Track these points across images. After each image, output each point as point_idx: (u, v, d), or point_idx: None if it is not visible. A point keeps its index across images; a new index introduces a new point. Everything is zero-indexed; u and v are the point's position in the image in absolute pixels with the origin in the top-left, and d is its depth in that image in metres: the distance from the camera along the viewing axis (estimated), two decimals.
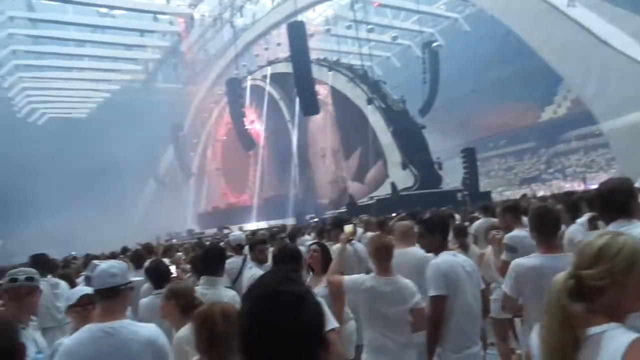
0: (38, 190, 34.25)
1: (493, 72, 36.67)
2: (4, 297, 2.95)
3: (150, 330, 2.48)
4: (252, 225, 24.86)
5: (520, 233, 3.94)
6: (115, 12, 34.17)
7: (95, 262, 4.97)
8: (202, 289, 3.75)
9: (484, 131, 36.81)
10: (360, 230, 7.26)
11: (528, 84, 34.42)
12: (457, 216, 8.27)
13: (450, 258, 3.44)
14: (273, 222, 23.06)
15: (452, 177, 24.98)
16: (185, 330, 2.86)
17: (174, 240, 20.39)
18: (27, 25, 31.46)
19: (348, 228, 4.42)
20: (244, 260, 5.69)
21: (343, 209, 22.14)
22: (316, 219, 20.41)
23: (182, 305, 2.90)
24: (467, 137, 33.28)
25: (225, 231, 23.33)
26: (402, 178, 22.43)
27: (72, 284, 5.20)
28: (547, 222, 3.02)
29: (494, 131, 37.51)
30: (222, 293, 3.85)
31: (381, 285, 3.50)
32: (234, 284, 5.54)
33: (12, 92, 36.44)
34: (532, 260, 3.00)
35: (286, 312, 0.97)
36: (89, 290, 3.47)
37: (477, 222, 6.80)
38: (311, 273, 4.13)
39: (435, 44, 27.07)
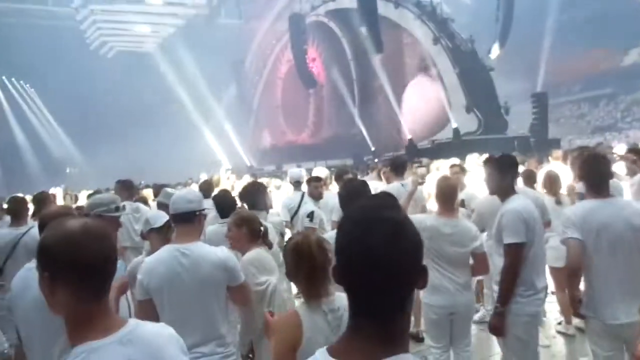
0: (107, 121, 36.01)
1: (573, 12, 33.69)
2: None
3: (222, 251, 2.65)
4: (310, 165, 25.16)
5: None
6: None
7: (168, 189, 5.29)
8: None
9: (558, 76, 34.34)
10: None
11: (613, 26, 31.44)
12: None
13: (528, 203, 3.30)
14: (331, 162, 23.21)
15: (519, 123, 23.89)
16: (252, 254, 3.06)
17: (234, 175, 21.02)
18: None
19: (421, 170, 4.45)
20: (302, 196, 5.85)
21: (402, 152, 21.88)
22: (375, 160, 20.35)
23: (251, 231, 3.08)
24: (538, 81, 31.37)
25: (284, 168, 23.83)
26: (465, 122, 21.72)
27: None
28: (597, 170, 3.02)
29: (568, 76, 35.02)
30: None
31: (442, 226, 3.53)
32: (293, 218, 5.75)
33: (84, 24, 37.62)
34: (587, 203, 2.97)
35: (387, 237, 0.96)
36: (166, 216, 3.74)
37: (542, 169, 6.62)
38: None
39: None
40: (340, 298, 2.03)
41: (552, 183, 5.00)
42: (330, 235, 3.17)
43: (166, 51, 39.59)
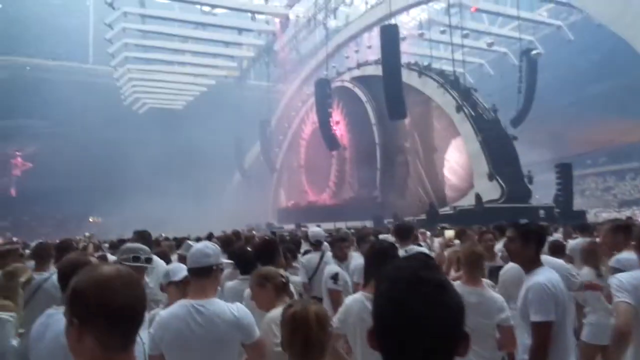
0: (135, 175, 36.90)
1: (595, 85, 34.16)
2: None
3: (238, 309, 2.60)
4: (329, 225, 25.07)
5: (630, 256, 3.64)
6: (217, 10, 35.92)
7: (190, 242, 5.29)
8: None
9: (582, 147, 34.46)
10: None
11: (636, 99, 31.72)
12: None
13: (555, 276, 3.05)
14: (350, 224, 23.10)
15: (542, 193, 23.66)
16: (277, 312, 2.97)
17: (254, 232, 21.02)
18: (138, 20, 33.97)
19: (449, 233, 4.40)
20: (322, 256, 5.78)
21: (422, 217, 21.71)
22: (395, 223, 20.16)
23: (275, 287, 3.01)
24: (562, 151, 31.32)
25: (303, 229, 23.75)
26: (487, 189, 21.58)
27: (168, 261, 5.55)
28: None
29: (592, 147, 34.99)
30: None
31: (467, 295, 3.39)
32: (311, 279, 5.65)
33: (120, 81, 39.51)
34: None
35: (428, 300, 0.92)
36: (185, 271, 3.72)
37: (573, 241, 6.44)
38: None
39: (534, 52, 25.81)
40: None
41: (593, 254, 4.85)
42: (354, 297, 3.08)
43: (195, 109, 41.08)
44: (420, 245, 5.99)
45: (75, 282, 1.23)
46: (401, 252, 4.42)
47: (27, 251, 8.67)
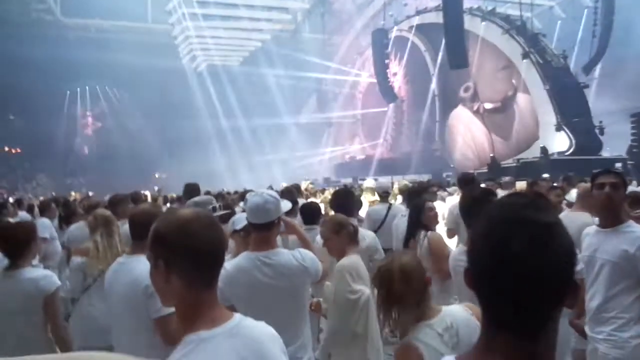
0: (196, 132, 37.94)
1: None
2: None
3: (300, 254, 2.61)
4: (386, 179, 24.91)
5: None
6: None
7: (251, 193, 5.42)
8: None
9: None
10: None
11: None
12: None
13: None
14: (408, 177, 22.84)
15: (615, 145, 22.22)
16: (349, 260, 3.00)
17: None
18: None
19: (520, 185, 4.32)
20: (389, 208, 5.79)
21: (484, 169, 21.09)
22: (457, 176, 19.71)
23: (348, 234, 3.06)
24: (638, 100, 29.06)
25: (360, 182, 23.77)
26: (555, 141, 20.56)
27: (232, 214, 5.73)
28: None
29: None
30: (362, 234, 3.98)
31: None
32: (377, 230, 5.68)
33: (178, 39, 40.11)
34: None
35: (534, 242, 0.81)
36: (244, 221, 3.84)
37: None
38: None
39: None
40: (450, 313, 1.87)
41: None
42: None
43: (252, 64, 41.18)
44: None
45: (157, 226, 1.26)
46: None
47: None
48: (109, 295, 2.61)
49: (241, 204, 5.94)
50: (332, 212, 5.57)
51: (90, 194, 17.28)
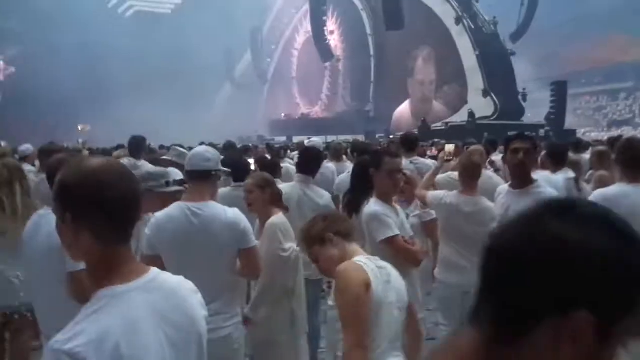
0: (122, 82, 35.85)
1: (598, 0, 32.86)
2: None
3: (235, 213, 2.57)
4: (320, 138, 25.04)
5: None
6: None
7: (178, 147, 5.23)
8: (300, 187, 3.92)
9: (579, 65, 33.76)
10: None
11: (638, 16, 30.77)
12: None
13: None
14: (342, 137, 23.08)
15: (535, 112, 23.55)
16: (278, 218, 3.00)
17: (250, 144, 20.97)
18: None
19: (449, 147, 4.41)
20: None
21: (414, 132, 21.69)
22: (388, 137, 20.16)
23: (273, 193, 3.02)
24: (558, 69, 30.74)
25: (294, 140, 23.75)
26: (481, 106, 21.45)
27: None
28: (635, 154, 2.91)
29: (589, 66, 34.34)
30: (319, 193, 3.98)
31: (462, 204, 3.47)
32: None
33: None
34: (616, 189, 2.90)
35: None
36: (180, 174, 3.69)
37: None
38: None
39: None
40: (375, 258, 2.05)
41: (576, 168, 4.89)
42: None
43: (183, 14, 39.19)
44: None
45: (64, 176, 1.16)
46: (406, 163, 4.42)
47: (16, 156, 8.60)
48: (27, 248, 2.51)
49: (165, 156, 5.69)
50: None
51: (3, 144, 15.99)
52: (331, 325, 1.97)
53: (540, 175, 3.74)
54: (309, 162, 4.20)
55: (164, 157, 5.07)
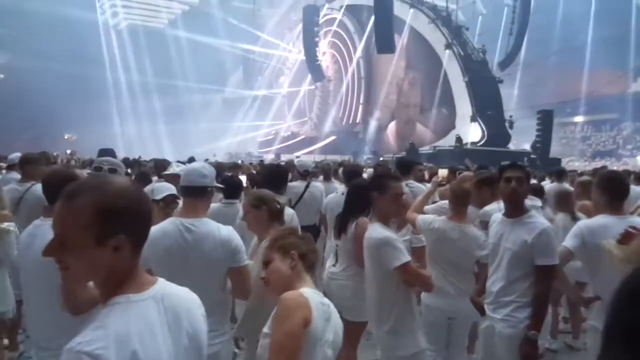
0: (108, 92, 35.77)
1: (586, 33, 33.77)
2: None
3: (228, 230, 2.56)
4: (308, 157, 25.15)
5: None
6: None
7: (177, 162, 5.26)
8: None
9: (564, 95, 34.51)
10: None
11: (625, 51, 31.75)
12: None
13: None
14: (330, 157, 23.19)
15: (521, 139, 23.94)
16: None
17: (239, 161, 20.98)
18: None
19: (442, 172, 4.46)
20: (307, 186, 5.86)
21: (402, 154, 21.89)
22: (377, 159, 20.29)
23: (270, 210, 2.98)
24: (544, 98, 31.37)
25: (283, 158, 23.85)
26: (468, 131, 21.76)
27: (148, 182, 5.51)
28: (618, 186, 3.00)
29: (574, 96, 35.11)
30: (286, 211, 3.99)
31: (449, 230, 3.49)
32: (294, 206, 5.74)
33: None
34: (601, 220, 2.96)
35: None
36: (173, 189, 3.70)
37: (548, 186, 6.63)
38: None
39: None
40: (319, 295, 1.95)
41: (567, 200, 4.98)
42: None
43: (176, 29, 39.37)
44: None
45: (103, 199, 1.12)
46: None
47: (2, 164, 8.50)
48: (21, 259, 2.48)
49: (165, 171, 5.69)
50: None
51: None
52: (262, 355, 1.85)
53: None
54: (274, 179, 4.31)
55: (169, 172, 5.11)
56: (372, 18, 24.07)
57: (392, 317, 2.86)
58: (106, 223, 1.11)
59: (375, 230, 2.90)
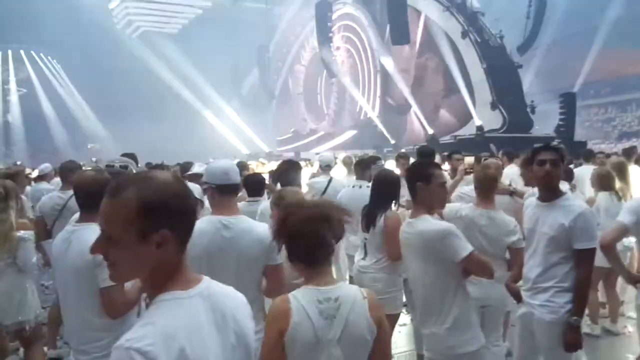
0: (131, 102, 36.31)
1: (609, 12, 32.92)
2: None
3: (264, 228, 2.57)
4: (329, 154, 25.04)
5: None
6: None
7: (199, 163, 5.34)
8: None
9: (587, 77, 33.72)
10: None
11: None
12: None
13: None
14: (351, 152, 23.10)
15: (544, 124, 23.47)
16: None
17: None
18: None
19: (468, 160, 4.41)
20: (330, 181, 5.85)
21: (422, 144, 21.68)
22: (399, 150, 20.14)
23: None
24: (567, 81, 30.70)
25: (302, 156, 23.89)
26: (489, 119, 21.43)
27: None
28: None
29: (598, 77, 34.27)
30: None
31: (477, 216, 3.46)
32: None
33: (113, 3, 37.91)
34: None
35: None
36: (199, 190, 3.74)
37: (578, 169, 6.52)
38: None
39: None
40: (343, 290, 1.86)
41: (609, 180, 4.89)
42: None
43: (190, 33, 39.73)
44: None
45: (147, 196, 1.12)
46: None
47: (33, 174, 8.69)
48: (57, 264, 2.52)
49: (189, 172, 5.71)
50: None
51: (18, 163, 16.24)
52: None
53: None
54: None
55: (193, 172, 5.18)
56: (386, 10, 23.83)
57: (453, 312, 2.72)
58: (149, 218, 1.11)
59: (430, 222, 2.77)
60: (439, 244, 2.69)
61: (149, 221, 1.11)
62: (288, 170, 4.29)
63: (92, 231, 2.34)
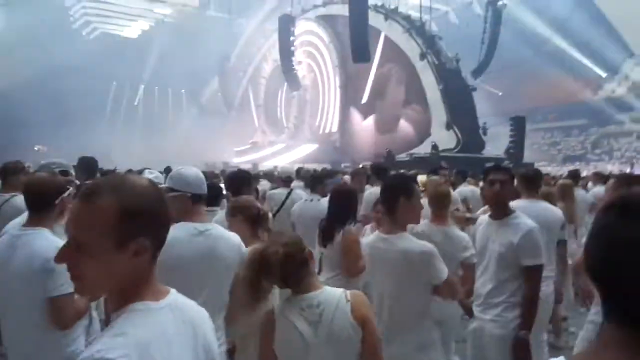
0: (83, 104, 35.11)
1: (555, 41, 34.87)
2: None
3: (235, 235, 2.59)
4: (286, 167, 25.08)
5: None
6: None
7: (149, 170, 5.19)
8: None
9: (534, 102, 35.44)
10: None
11: (592, 58, 32.95)
12: None
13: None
14: (308, 166, 23.18)
15: (494, 145, 24.39)
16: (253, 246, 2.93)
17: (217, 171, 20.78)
18: None
19: (421, 178, 4.51)
20: (289, 193, 5.87)
21: (380, 162, 22.02)
22: (355, 166, 20.36)
23: (247, 218, 2.94)
24: (516, 105, 32.13)
25: (260, 167, 23.78)
26: (444, 139, 22.06)
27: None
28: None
29: (544, 103, 36.10)
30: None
31: (432, 233, 3.52)
32: (275, 214, 5.74)
33: (69, 1, 36.79)
34: None
35: None
36: None
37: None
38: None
39: (500, 3, 25.67)
40: (325, 294, 1.91)
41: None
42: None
43: (151, 39, 39.02)
44: None
45: (124, 201, 1.05)
46: (376, 191, 4.44)
47: None
48: (0, 271, 2.35)
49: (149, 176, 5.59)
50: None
51: None
52: None
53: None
54: (234, 182, 4.26)
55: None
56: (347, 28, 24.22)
57: (420, 332, 2.65)
58: (128, 225, 1.05)
59: (412, 241, 2.67)
60: (423, 265, 2.60)
61: (129, 228, 1.05)
62: (240, 180, 4.25)
63: (42, 237, 2.28)
